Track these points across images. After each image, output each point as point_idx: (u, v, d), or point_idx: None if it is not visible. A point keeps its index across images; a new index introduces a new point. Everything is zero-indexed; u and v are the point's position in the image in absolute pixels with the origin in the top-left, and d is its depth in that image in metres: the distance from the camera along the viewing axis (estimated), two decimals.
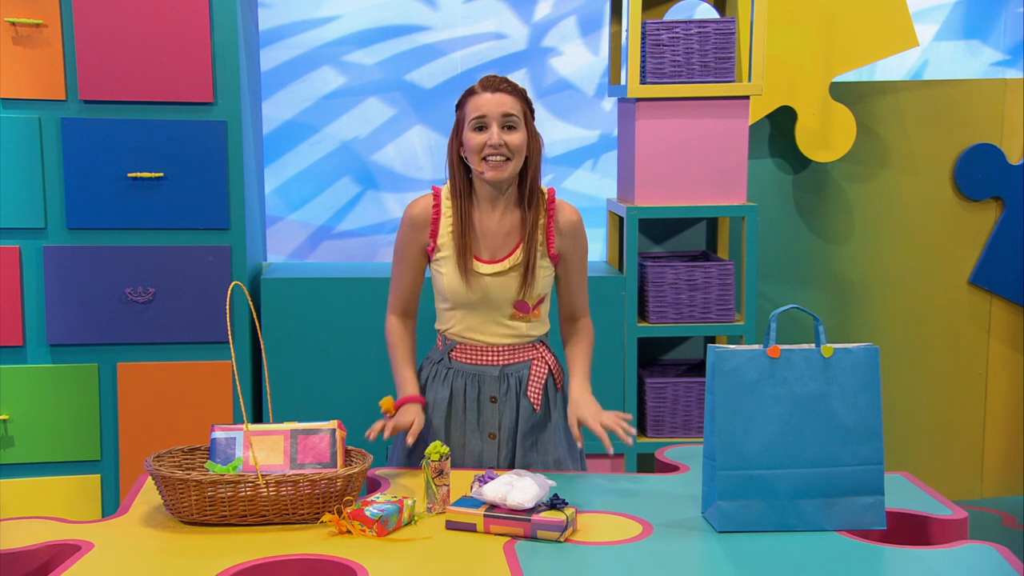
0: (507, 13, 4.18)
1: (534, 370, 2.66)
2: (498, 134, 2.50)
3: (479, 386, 2.65)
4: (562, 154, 4.25)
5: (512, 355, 2.65)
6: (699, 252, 4.03)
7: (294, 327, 3.55)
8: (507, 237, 2.60)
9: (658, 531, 2.21)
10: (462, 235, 2.57)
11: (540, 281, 2.61)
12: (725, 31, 3.58)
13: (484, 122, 2.51)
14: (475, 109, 2.52)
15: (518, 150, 2.53)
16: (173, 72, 3.32)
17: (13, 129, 3.29)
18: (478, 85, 2.55)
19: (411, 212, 2.64)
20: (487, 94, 2.52)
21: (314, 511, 2.24)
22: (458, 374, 2.66)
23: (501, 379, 2.65)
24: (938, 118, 4.18)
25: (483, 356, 2.65)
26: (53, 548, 2.15)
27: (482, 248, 2.60)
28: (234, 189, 3.40)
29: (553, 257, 2.63)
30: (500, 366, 2.65)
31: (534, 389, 2.65)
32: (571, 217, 2.64)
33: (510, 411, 2.66)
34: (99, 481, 3.46)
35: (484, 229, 2.60)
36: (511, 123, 2.52)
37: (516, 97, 2.54)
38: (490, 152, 2.50)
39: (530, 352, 2.67)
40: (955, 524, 2.28)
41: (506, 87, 2.54)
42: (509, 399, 2.65)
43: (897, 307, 4.27)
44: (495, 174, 2.52)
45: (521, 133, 2.53)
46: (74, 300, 3.36)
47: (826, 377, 2.22)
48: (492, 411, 2.66)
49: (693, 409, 3.68)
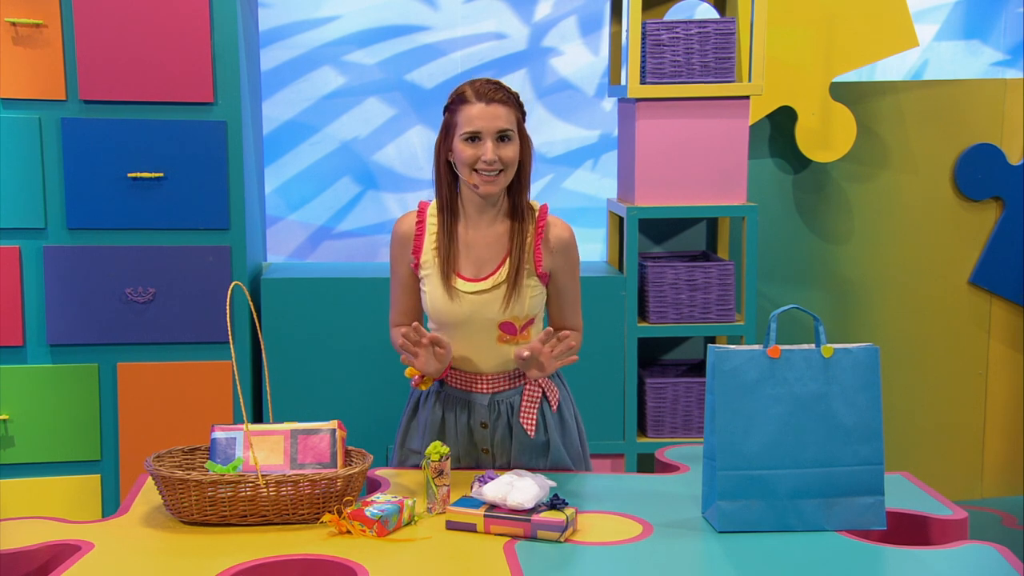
0: (507, 13, 4.18)
1: (527, 395, 2.58)
2: (493, 149, 2.43)
3: (469, 412, 2.60)
4: (562, 154, 4.25)
5: (502, 383, 2.59)
6: (699, 252, 4.03)
7: (294, 327, 3.55)
8: (493, 250, 2.53)
9: (658, 531, 2.21)
10: (444, 251, 2.51)
11: (528, 301, 2.53)
12: (725, 31, 3.58)
13: (478, 135, 2.44)
14: (468, 122, 2.44)
15: (512, 163, 2.47)
16: (173, 72, 3.32)
17: (13, 129, 3.29)
18: (471, 91, 2.46)
19: (397, 229, 2.60)
20: (481, 104, 2.44)
21: (314, 511, 2.24)
22: (449, 398, 2.61)
23: (491, 407, 2.59)
24: (938, 118, 4.18)
25: (473, 383, 2.59)
26: (53, 548, 2.15)
27: (466, 264, 2.53)
28: (234, 189, 3.40)
29: (542, 276, 2.55)
30: (490, 394, 2.59)
31: (527, 414, 2.57)
32: (562, 234, 2.56)
33: (502, 435, 2.60)
34: (99, 481, 3.46)
35: (469, 241, 2.54)
36: (506, 136, 2.46)
37: (510, 107, 2.47)
38: (484, 167, 2.45)
39: (521, 379, 2.60)
40: (955, 524, 2.28)
41: (500, 96, 2.45)
42: (500, 424, 2.60)
43: (897, 307, 4.27)
44: (488, 188, 2.46)
45: (515, 145, 2.47)
46: (74, 300, 3.36)
47: (826, 377, 2.22)
48: (483, 435, 2.61)
49: (693, 409, 3.68)
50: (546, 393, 2.61)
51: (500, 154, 2.44)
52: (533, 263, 2.54)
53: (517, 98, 2.51)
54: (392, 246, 2.61)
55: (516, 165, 2.49)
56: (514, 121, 2.48)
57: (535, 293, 2.55)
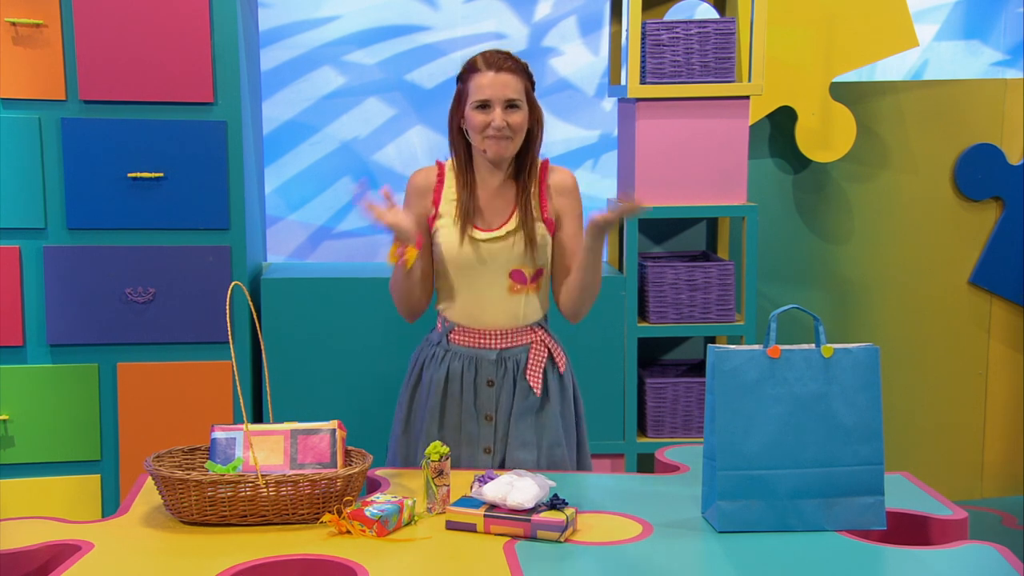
0: (507, 13, 4.18)
1: (533, 353, 2.67)
2: (501, 116, 2.56)
3: (476, 369, 2.67)
4: (562, 154, 4.25)
5: (510, 339, 2.67)
6: (699, 252, 4.03)
7: (294, 327, 3.55)
8: (504, 206, 2.65)
9: (658, 531, 2.21)
10: (464, 201, 2.62)
11: (538, 248, 2.64)
12: (725, 31, 3.58)
13: (487, 103, 2.56)
14: (478, 90, 2.57)
15: (520, 129, 2.59)
16: (173, 72, 3.32)
17: (13, 129, 3.29)
18: (481, 60, 2.59)
19: (414, 180, 2.72)
20: (491, 73, 2.56)
21: (314, 511, 2.24)
22: (456, 356, 2.68)
23: (499, 363, 2.67)
24: (938, 118, 4.18)
25: (481, 339, 2.67)
26: (53, 548, 2.15)
27: (479, 218, 2.65)
28: (234, 189, 3.40)
29: (547, 221, 2.66)
30: (498, 349, 2.67)
31: (534, 372, 2.66)
32: (563, 177, 2.70)
33: (507, 395, 2.67)
34: (99, 481, 3.46)
35: (483, 200, 2.65)
36: (514, 103, 2.57)
37: (519, 76, 2.59)
38: (493, 133, 2.56)
39: (528, 335, 2.69)
40: (955, 524, 2.28)
41: (509, 65, 2.58)
42: (506, 383, 2.67)
43: (897, 307, 4.27)
44: (497, 150, 2.58)
45: (523, 112, 2.59)
46: (74, 300, 3.36)
47: (826, 377, 2.22)
48: (488, 394, 2.67)
49: (693, 409, 3.68)
50: (553, 354, 2.69)
51: (509, 120, 2.57)
52: (539, 210, 2.65)
53: (526, 68, 2.63)
54: (409, 195, 2.72)
55: (524, 131, 2.61)
56: (522, 90, 2.59)
57: (543, 242, 2.65)
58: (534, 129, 2.64)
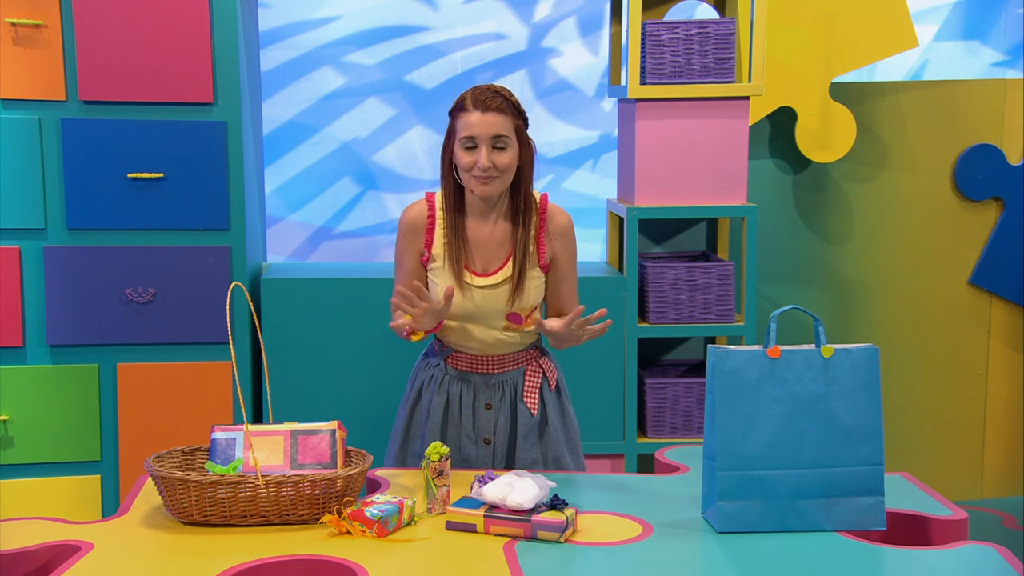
0: (507, 13, 4.18)
1: (529, 376, 2.68)
2: (487, 156, 2.50)
3: (474, 393, 2.67)
4: (562, 154, 4.25)
5: (506, 363, 2.67)
6: (699, 252, 4.03)
7: (294, 327, 3.55)
8: (499, 247, 2.62)
9: (658, 531, 2.21)
10: (455, 247, 2.59)
11: (532, 292, 2.62)
12: (725, 31, 3.58)
13: (474, 142, 2.51)
14: (465, 128, 2.52)
15: (508, 169, 2.54)
16: (173, 72, 3.32)
17: (13, 129, 3.29)
18: (469, 100, 2.53)
19: (407, 217, 2.66)
20: (477, 113, 2.51)
21: (314, 512, 2.24)
22: (454, 379, 2.68)
23: (495, 386, 2.67)
24: (938, 118, 4.18)
25: (478, 364, 2.67)
26: (53, 548, 2.15)
27: (475, 259, 2.62)
28: (234, 189, 3.40)
29: (544, 266, 2.65)
30: (495, 374, 2.67)
31: (530, 395, 2.67)
32: (561, 221, 2.66)
33: (505, 417, 2.67)
34: (99, 481, 3.46)
35: (476, 239, 2.62)
36: (501, 144, 2.52)
37: (508, 115, 2.53)
38: (479, 173, 2.52)
39: (524, 358, 2.69)
40: (955, 524, 2.28)
41: (498, 105, 2.52)
42: (504, 406, 2.67)
43: (897, 307, 4.27)
44: (483, 190, 2.54)
45: (511, 152, 2.54)
46: (74, 300, 3.36)
47: (826, 377, 2.22)
48: (487, 417, 2.67)
49: (693, 409, 3.68)
50: (546, 373, 2.70)
51: (495, 160, 2.51)
52: (536, 255, 2.63)
53: (517, 106, 2.57)
54: (402, 235, 2.66)
55: (513, 170, 2.56)
56: (511, 128, 2.53)
57: (537, 284, 2.64)
58: (525, 169, 2.59)
